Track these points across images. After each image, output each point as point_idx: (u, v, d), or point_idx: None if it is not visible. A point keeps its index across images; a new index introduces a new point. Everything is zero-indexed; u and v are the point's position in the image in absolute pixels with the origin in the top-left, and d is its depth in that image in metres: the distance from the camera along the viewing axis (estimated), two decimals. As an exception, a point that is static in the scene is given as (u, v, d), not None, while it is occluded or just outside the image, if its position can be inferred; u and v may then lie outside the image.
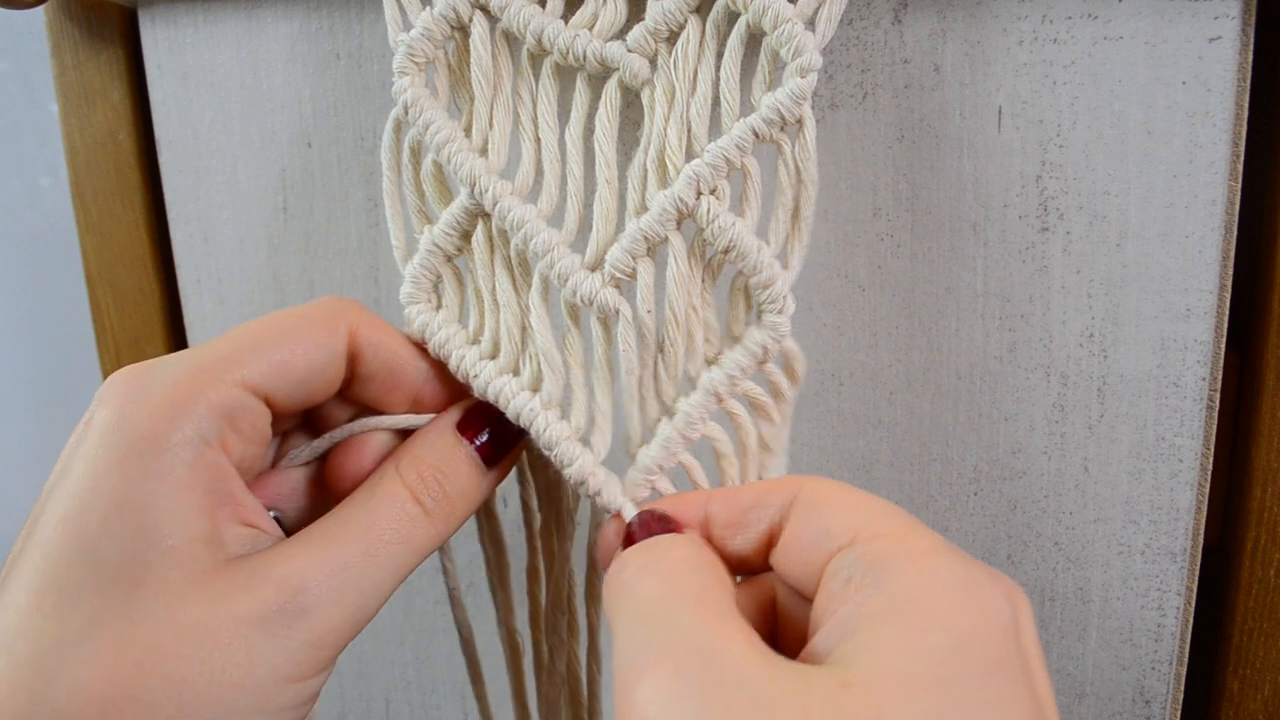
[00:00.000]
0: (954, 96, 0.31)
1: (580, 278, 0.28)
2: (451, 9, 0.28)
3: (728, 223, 0.27)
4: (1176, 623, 0.34)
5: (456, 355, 0.29)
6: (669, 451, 0.29)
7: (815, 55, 0.26)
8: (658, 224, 0.28)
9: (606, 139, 0.29)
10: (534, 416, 0.28)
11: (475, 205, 0.29)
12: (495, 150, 0.29)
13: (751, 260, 0.27)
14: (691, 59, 0.28)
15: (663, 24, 0.28)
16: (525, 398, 0.28)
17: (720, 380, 0.28)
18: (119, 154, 0.39)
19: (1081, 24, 0.30)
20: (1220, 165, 0.30)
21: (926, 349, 0.34)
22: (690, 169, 0.27)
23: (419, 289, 0.30)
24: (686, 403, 0.29)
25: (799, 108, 0.27)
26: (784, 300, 0.28)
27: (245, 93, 0.36)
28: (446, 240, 0.29)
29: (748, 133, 0.27)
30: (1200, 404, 0.32)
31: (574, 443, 0.28)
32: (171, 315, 0.41)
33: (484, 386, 0.28)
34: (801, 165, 0.27)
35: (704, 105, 0.28)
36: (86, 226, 0.40)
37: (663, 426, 0.29)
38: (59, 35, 0.38)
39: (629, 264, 0.28)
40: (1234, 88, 0.30)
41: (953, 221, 0.32)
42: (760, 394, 0.29)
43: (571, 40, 0.28)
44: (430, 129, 0.28)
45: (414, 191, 0.30)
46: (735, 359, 0.28)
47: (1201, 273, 0.31)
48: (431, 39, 0.28)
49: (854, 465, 0.35)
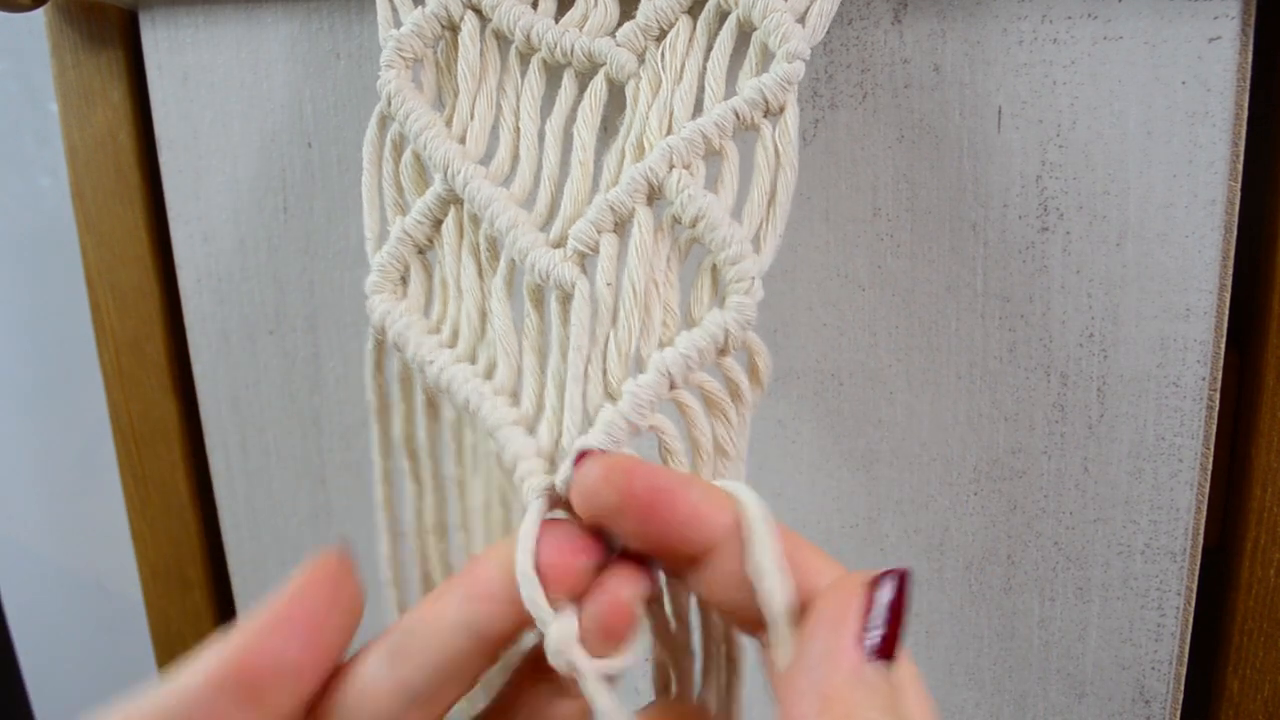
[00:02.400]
0: (954, 96, 0.31)
1: (540, 253, 0.27)
2: (443, 7, 0.28)
3: (698, 193, 0.26)
4: (1176, 623, 0.34)
5: (414, 342, 0.28)
6: (611, 438, 0.25)
7: (803, 44, 0.26)
8: (626, 195, 0.26)
9: (587, 128, 0.28)
10: (481, 401, 0.26)
11: (448, 191, 0.28)
12: (474, 139, 0.28)
13: (721, 234, 0.26)
14: (680, 52, 0.28)
15: (654, 22, 0.28)
16: (476, 384, 0.27)
17: (673, 360, 0.25)
18: (119, 154, 0.39)
19: (1081, 24, 0.30)
20: (1220, 165, 0.30)
21: (926, 349, 0.34)
22: (665, 142, 0.26)
23: (385, 279, 0.29)
24: (633, 383, 0.26)
25: (784, 93, 0.26)
26: (752, 281, 0.26)
27: (245, 93, 0.36)
28: (417, 229, 0.29)
29: (728, 112, 0.26)
30: (1200, 404, 0.32)
31: (515, 427, 0.26)
32: (171, 315, 0.41)
33: (437, 374, 0.27)
34: (781, 148, 0.26)
35: (689, 93, 0.27)
36: (86, 226, 0.40)
37: (605, 411, 0.26)
38: (59, 35, 0.38)
39: (592, 236, 0.27)
40: (1234, 88, 0.30)
41: (953, 221, 0.32)
42: (716, 389, 0.26)
43: (560, 36, 0.28)
44: (410, 118, 0.28)
45: (392, 185, 0.29)
46: (691, 339, 0.26)
47: (1201, 272, 0.31)
48: (421, 36, 0.28)
49: (854, 465, 0.35)
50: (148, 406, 0.41)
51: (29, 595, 0.60)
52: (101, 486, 0.57)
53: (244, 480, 0.41)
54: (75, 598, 0.60)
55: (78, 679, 0.63)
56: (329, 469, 0.40)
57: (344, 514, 0.40)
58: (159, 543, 0.43)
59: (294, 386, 0.39)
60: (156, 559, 0.43)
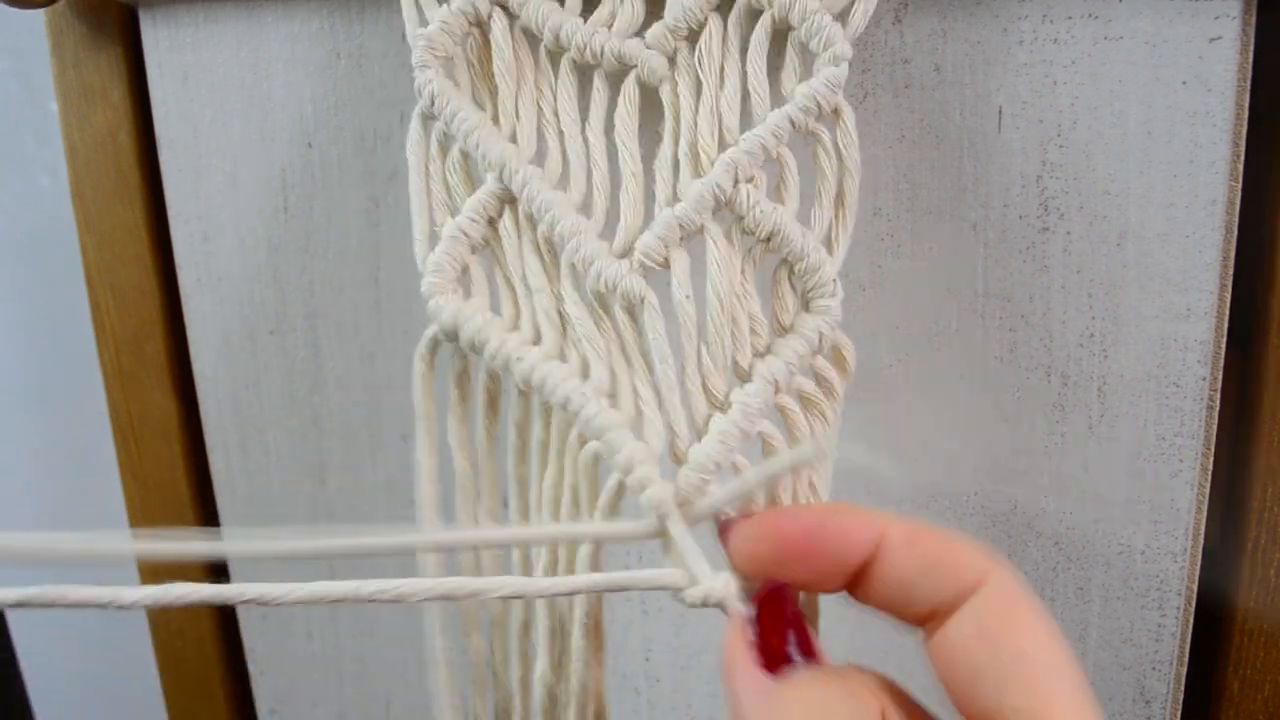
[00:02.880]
0: (954, 96, 0.31)
1: (605, 262, 0.27)
2: (470, 4, 0.28)
3: (769, 208, 0.27)
4: (1176, 623, 0.34)
5: (496, 341, 0.27)
6: (726, 447, 0.26)
7: (846, 45, 0.26)
8: (694, 211, 0.27)
9: (628, 133, 0.28)
10: (584, 402, 0.26)
11: (503, 190, 0.28)
12: (525, 137, 0.28)
13: (796, 246, 0.27)
14: (716, 55, 0.28)
15: (683, 22, 0.28)
16: (575, 384, 0.27)
17: (779, 369, 0.27)
18: (119, 153, 0.39)
19: (1082, 24, 0.30)
20: (1220, 165, 0.30)
21: (926, 349, 0.34)
22: (728, 156, 0.27)
23: (443, 278, 0.28)
24: (742, 393, 0.27)
25: (835, 95, 0.27)
26: (833, 284, 0.27)
27: (246, 92, 0.36)
28: (473, 226, 0.28)
29: (784, 121, 0.27)
30: (1200, 404, 0.32)
31: (624, 430, 0.26)
32: (172, 315, 0.41)
33: (528, 372, 0.27)
34: (845, 150, 0.27)
35: (734, 97, 0.28)
36: (86, 226, 0.40)
37: (716, 420, 0.27)
38: (59, 34, 0.38)
39: (661, 251, 0.27)
40: (1234, 88, 0.30)
41: (953, 221, 0.32)
42: (813, 391, 0.28)
43: (589, 37, 0.28)
44: (458, 118, 0.28)
45: (439, 184, 0.29)
46: (792, 346, 0.27)
47: (1202, 272, 0.31)
48: (450, 34, 0.28)
49: (854, 465, 0.35)
50: (147, 406, 0.41)
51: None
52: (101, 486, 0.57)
53: (244, 480, 0.41)
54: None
55: (77, 679, 0.63)
56: (329, 469, 0.40)
57: (344, 514, 0.40)
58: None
59: (294, 386, 0.39)
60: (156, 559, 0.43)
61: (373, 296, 0.37)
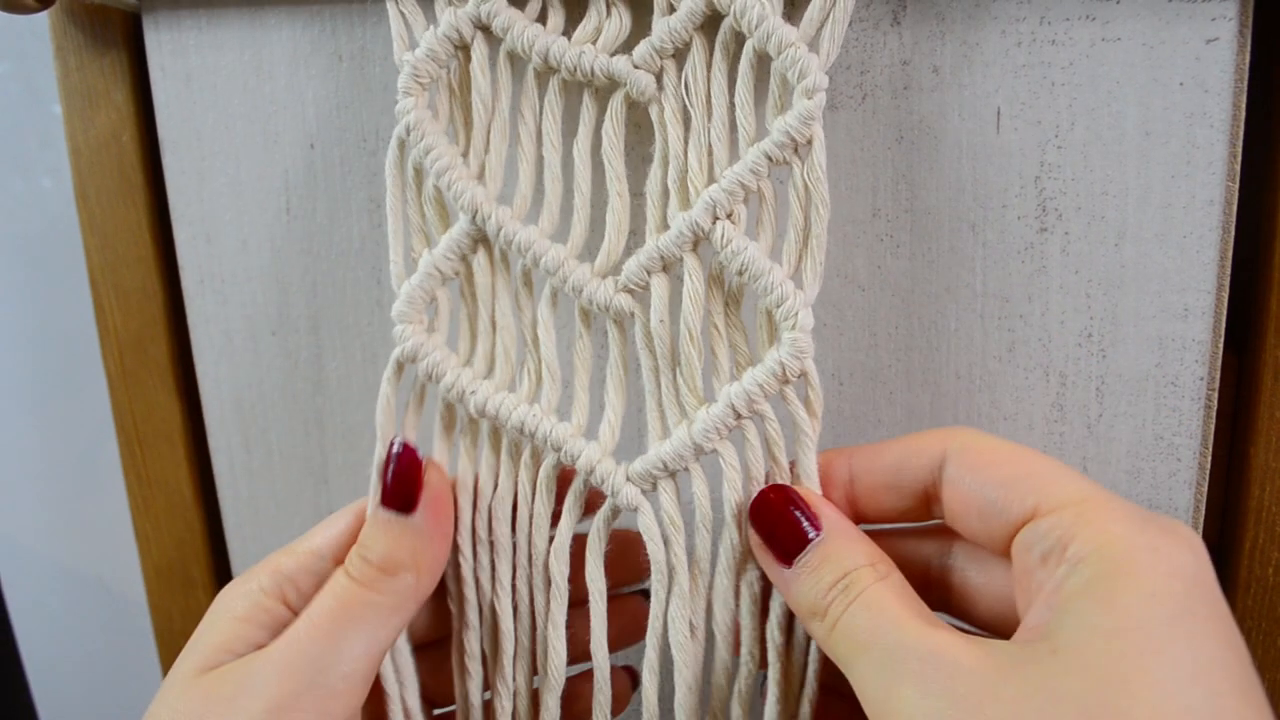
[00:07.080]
0: (953, 98, 0.31)
1: (594, 285, 0.29)
2: (454, 29, 0.29)
3: (741, 246, 0.28)
4: (1175, 621, 0.34)
5: (451, 375, 0.30)
6: (678, 454, 0.29)
7: (820, 76, 0.27)
8: (674, 245, 0.29)
9: (614, 152, 0.29)
10: (537, 422, 0.30)
11: (477, 230, 0.30)
12: (491, 175, 0.30)
13: (764, 281, 0.28)
14: (702, 81, 0.29)
15: (668, 41, 0.28)
16: (525, 409, 0.30)
17: (738, 395, 0.29)
18: (122, 155, 0.39)
19: (1079, 25, 0.30)
20: (1218, 166, 0.30)
21: (926, 349, 0.34)
22: (707, 195, 0.28)
23: (413, 308, 0.30)
24: (705, 411, 0.29)
25: (808, 129, 0.27)
26: (797, 317, 0.28)
27: (248, 94, 0.36)
28: (446, 264, 0.30)
29: (761, 157, 0.28)
30: (1198, 403, 0.32)
31: (578, 437, 0.30)
32: (175, 316, 0.41)
33: (481, 403, 0.30)
34: (812, 186, 0.28)
35: (722, 129, 0.29)
36: (89, 228, 0.40)
37: (679, 429, 0.29)
38: (62, 37, 0.38)
39: (643, 278, 0.29)
40: (1231, 89, 0.30)
41: (952, 222, 0.32)
42: (775, 431, 0.29)
43: (578, 57, 0.29)
44: (430, 155, 0.29)
45: (415, 211, 0.30)
46: (754, 375, 0.29)
47: (1199, 273, 0.31)
48: (436, 59, 0.29)
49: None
50: (151, 407, 0.42)
51: (32, 595, 0.60)
52: (105, 486, 0.57)
53: (247, 480, 0.41)
54: (78, 597, 0.60)
55: (81, 678, 0.63)
56: (331, 469, 0.40)
57: (346, 514, 0.40)
58: (162, 542, 0.43)
59: (296, 387, 0.39)
60: (160, 559, 0.43)
61: (374, 297, 0.37)
